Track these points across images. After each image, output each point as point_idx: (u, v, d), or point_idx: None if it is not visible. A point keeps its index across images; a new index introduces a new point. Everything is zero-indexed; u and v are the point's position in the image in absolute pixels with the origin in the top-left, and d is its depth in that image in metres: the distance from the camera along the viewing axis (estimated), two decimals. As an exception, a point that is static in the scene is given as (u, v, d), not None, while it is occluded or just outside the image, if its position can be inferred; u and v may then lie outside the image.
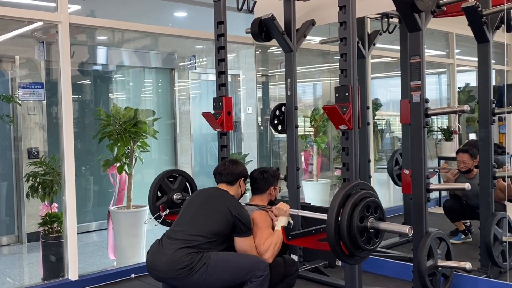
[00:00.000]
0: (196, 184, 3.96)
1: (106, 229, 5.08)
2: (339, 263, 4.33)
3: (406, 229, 2.60)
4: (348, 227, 2.55)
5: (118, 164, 4.80)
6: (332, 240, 2.58)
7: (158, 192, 3.78)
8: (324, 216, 2.67)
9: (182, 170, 4.34)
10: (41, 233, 4.55)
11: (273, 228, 3.15)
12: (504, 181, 4.45)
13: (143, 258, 4.78)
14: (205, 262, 2.86)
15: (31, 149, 5.77)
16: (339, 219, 2.57)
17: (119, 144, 4.71)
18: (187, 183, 3.92)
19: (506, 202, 4.49)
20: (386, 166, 5.80)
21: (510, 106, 4.31)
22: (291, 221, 3.17)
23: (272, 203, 3.39)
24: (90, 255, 5.41)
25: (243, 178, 3.31)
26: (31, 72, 5.90)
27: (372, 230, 2.64)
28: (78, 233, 4.26)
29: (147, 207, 4.84)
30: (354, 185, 2.70)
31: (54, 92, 4.60)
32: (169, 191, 3.79)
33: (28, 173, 4.67)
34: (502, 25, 3.91)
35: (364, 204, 2.61)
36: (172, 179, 3.85)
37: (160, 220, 3.61)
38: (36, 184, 4.58)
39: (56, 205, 4.61)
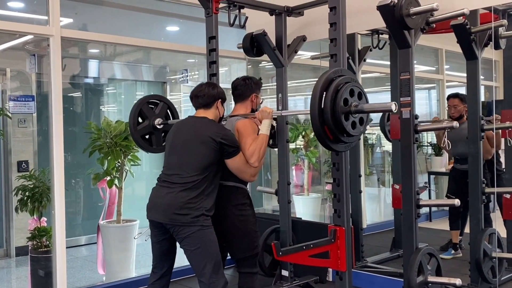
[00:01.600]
0: (178, 113, 3.94)
1: (96, 243, 5.03)
2: (330, 278, 4.32)
3: (390, 105, 2.54)
4: (332, 110, 2.51)
5: (108, 178, 4.78)
6: (316, 124, 2.54)
7: (139, 118, 3.75)
8: (306, 111, 2.66)
9: (164, 96, 4.29)
10: (29, 247, 4.51)
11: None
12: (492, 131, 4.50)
13: (132, 273, 4.75)
14: (203, 226, 2.92)
15: (21, 162, 5.73)
16: (323, 103, 2.53)
17: (109, 157, 4.70)
18: (168, 110, 3.88)
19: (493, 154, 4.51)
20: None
21: (499, 122, 4.34)
22: (275, 124, 3.18)
23: (254, 111, 3.41)
24: (79, 269, 5.36)
25: (220, 100, 3.24)
26: (22, 84, 5.88)
27: (356, 115, 2.61)
28: (67, 247, 4.22)
29: (138, 222, 4.83)
30: (336, 70, 2.65)
31: (45, 104, 4.59)
32: (151, 116, 3.76)
33: (17, 187, 4.64)
34: (490, 43, 3.97)
35: (347, 87, 2.57)
36: (152, 106, 3.82)
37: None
38: (25, 198, 4.54)
39: (45, 219, 4.57)
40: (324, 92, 2.55)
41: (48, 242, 4.42)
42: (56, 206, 4.10)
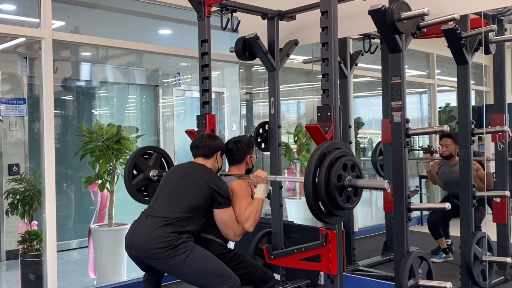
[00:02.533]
0: (172, 160, 3.93)
1: (87, 247, 5.01)
2: (322, 281, 4.32)
3: (383, 184, 2.58)
4: (326, 186, 2.53)
5: (99, 181, 4.76)
6: (310, 200, 2.55)
7: (134, 171, 3.72)
8: (301, 179, 2.65)
9: (157, 146, 4.26)
10: (20, 251, 4.47)
11: (252, 197, 3.15)
12: (483, 167, 4.54)
13: (124, 277, 4.73)
14: (188, 250, 2.84)
15: (12, 166, 5.69)
16: (317, 179, 2.54)
17: (101, 161, 4.68)
18: (163, 159, 3.86)
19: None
20: (369, 159, 5.83)
21: (489, 126, 4.38)
22: (270, 188, 3.17)
23: (249, 171, 3.39)
24: (70, 273, 5.32)
25: (220, 152, 3.29)
26: (13, 87, 5.85)
27: (350, 189, 2.62)
28: (58, 251, 4.20)
29: (129, 225, 4.81)
30: (329, 145, 2.67)
31: (36, 107, 4.57)
32: (145, 168, 3.73)
33: (8, 190, 4.61)
34: (481, 47, 4.00)
35: (340, 162, 2.59)
36: (147, 156, 3.79)
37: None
38: (16, 201, 4.51)
39: (36, 222, 4.54)
40: (318, 168, 2.57)
41: (38, 245, 4.39)
42: (47, 209, 4.08)
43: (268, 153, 4.27)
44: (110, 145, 4.70)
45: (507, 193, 4.26)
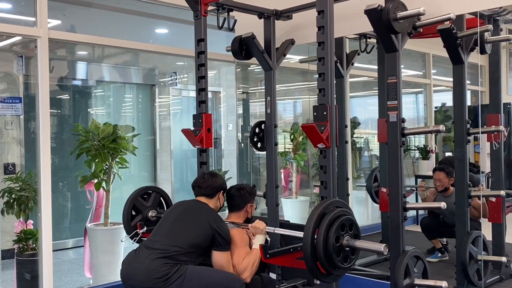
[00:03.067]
0: (171, 199, 3.93)
1: (83, 246, 5.00)
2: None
3: (381, 247, 2.62)
4: (324, 247, 2.56)
5: (95, 181, 4.75)
6: (309, 260, 2.58)
7: (132, 211, 3.71)
8: (300, 234, 2.67)
9: (156, 186, 4.26)
10: (15, 250, 4.46)
11: (250, 246, 3.14)
12: (479, 199, 4.53)
13: (119, 277, 4.71)
14: (182, 274, 2.84)
15: (8, 165, 5.67)
16: (315, 239, 2.57)
17: (97, 160, 4.67)
18: (161, 198, 3.86)
19: (481, 220, 4.57)
20: (364, 184, 5.86)
21: (485, 126, 4.40)
22: (268, 239, 3.17)
23: (248, 220, 3.38)
24: (66, 273, 5.31)
25: (222, 191, 3.31)
26: (9, 86, 5.83)
27: (348, 249, 2.65)
28: (54, 250, 4.18)
29: (125, 224, 4.81)
30: (328, 204, 2.70)
31: (32, 106, 4.56)
32: (144, 209, 3.72)
33: (3, 189, 4.59)
34: (476, 47, 4.01)
35: (339, 222, 2.61)
36: (146, 196, 3.79)
37: (138, 238, 3.57)
38: (11, 200, 4.50)
39: (32, 221, 4.53)
40: (317, 228, 2.59)
41: (34, 245, 4.38)
42: (43, 208, 4.07)
43: (264, 152, 4.27)
44: (106, 144, 4.69)
45: (503, 192, 4.27)
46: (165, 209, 3.80)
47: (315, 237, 2.58)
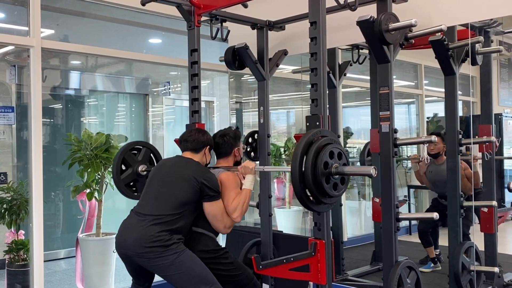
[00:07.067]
0: (161, 155, 3.90)
1: (75, 257, 4.96)
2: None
3: (369, 170, 2.55)
4: (313, 173, 2.51)
5: (88, 190, 4.73)
6: (297, 188, 2.54)
7: (122, 166, 3.69)
8: (287, 169, 2.63)
9: (146, 142, 4.21)
10: (6, 261, 4.42)
11: (241, 187, 3.15)
12: (471, 167, 4.56)
13: (112, 287, 4.69)
14: (178, 252, 2.84)
15: (-1, 174, 5.64)
16: (303, 167, 2.53)
17: (89, 170, 4.65)
18: (151, 154, 3.83)
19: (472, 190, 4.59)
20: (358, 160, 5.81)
21: (476, 137, 4.43)
22: (258, 178, 3.17)
23: (238, 163, 3.38)
24: (58, 283, 5.27)
25: (208, 147, 3.28)
26: (2, 95, 5.81)
27: (337, 176, 2.60)
28: (45, 261, 4.16)
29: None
30: (316, 132, 2.65)
31: (25, 116, 4.54)
32: (134, 163, 3.70)
33: (-6, 199, 4.56)
34: (468, 58, 4.05)
35: (326, 149, 2.58)
36: (136, 152, 3.76)
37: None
38: (2, 210, 4.46)
39: (23, 232, 4.49)
40: (305, 156, 2.55)
41: (25, 255, 4.34)
42: (34, 219, 4.04)
43: (258, 162, 4.27)
44: (99, 154, 4.67)
45: (494, 203, 4.29)
46: (155, 164, 3.76)
47: (303, 164, 2.52)
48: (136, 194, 3.74)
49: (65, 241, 6.24)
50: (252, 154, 4.28)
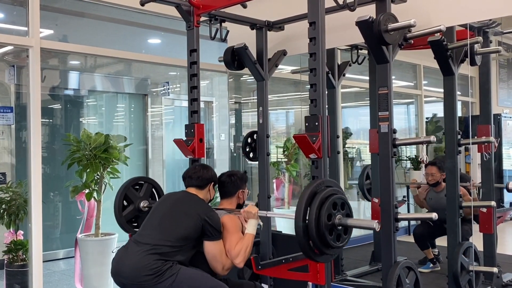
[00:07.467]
0: (163, 190, 3.90)
1: (73, 257, 4.96)
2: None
3: (373, 224, 2.58)
4: (316, 226, 2.53)
5: (87, 191, 4.73)
6: (301, 240, 2.55)
7: (124, 202, 3.67)
8: (292, 216, 2.64)
9: (148, 177, 4.22)
10: (5, 261, 4.42)
11: (243, 232, 3.12)
12: (470, 194, 4.57)
13: (110, 287, 4.69)
14: (174, 274, 2.80)
15: (-2, 174, 5.64)
16: (307, 218, 2.55)
17: (88, 170, 4.65)
18: (153, 189, 3.81)
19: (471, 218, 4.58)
20: (357, 182, 5.82)
21: (475, 137, 4.43)
22: (261, 223, 3.15)
23: (240, 206, 3.36)
24: (56, 284, 5.26)
25: (213, 183, 3.26)
26: (1, 95, 5.81)
27: (340, 227, 2.62)
28: (44, 261, 4.16)
29: (116, 235, 4.78)
30: (319, 183, 2.67)
31: (24, 116, 4.54)
32: (136, 200, 3.68)
33: (-7, 199, 4.56)
34: (467, 59, 4.05)
35: (330, 201, 2.59)
36: (137, 187, 3.75)
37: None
38: (1, 211, 4.46)
39: (22, 232, 4.49)
40: (308, 207, 2.57)
41: (24, 255, 4.34)
42: (33, 219, 4.04)
43: (257, 162, 4.27)
44: (98, 154, 4.67)
45: (493, 203, 4.29)
46: (157, 200, 3.76)
47: (307, 216, 2.54)
48: (136, 230, 3.69)
49: (64, 242, 6.24)
50: (252, 154, 4.29)
